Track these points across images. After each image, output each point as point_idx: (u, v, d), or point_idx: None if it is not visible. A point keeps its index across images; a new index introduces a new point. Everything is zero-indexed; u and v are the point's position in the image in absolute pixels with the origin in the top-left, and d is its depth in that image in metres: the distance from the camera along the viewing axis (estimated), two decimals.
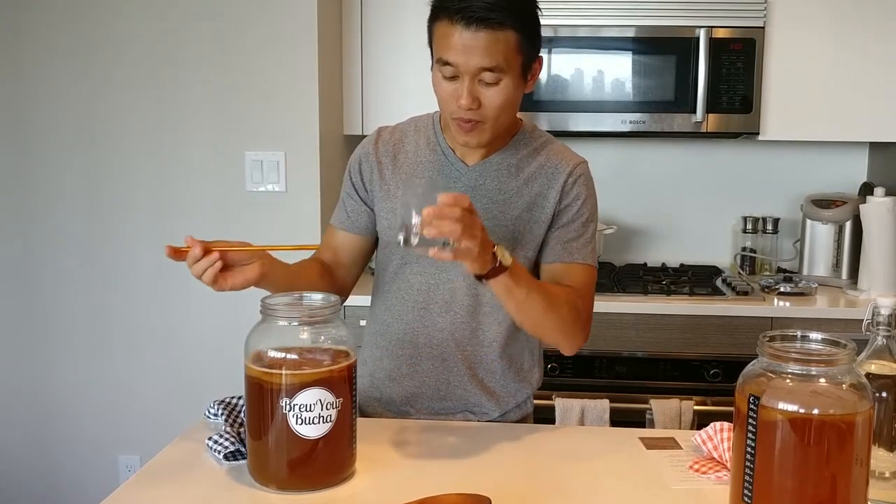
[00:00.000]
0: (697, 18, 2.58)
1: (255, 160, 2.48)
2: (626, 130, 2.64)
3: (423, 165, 1.51)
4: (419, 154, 1.53)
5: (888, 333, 1.16)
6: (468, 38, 1.32)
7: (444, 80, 1.37)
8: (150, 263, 2.55)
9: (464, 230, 1.17)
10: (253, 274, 1.32)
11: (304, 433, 1.17)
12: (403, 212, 1.19)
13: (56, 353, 2.62)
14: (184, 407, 2.50)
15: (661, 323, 2.45)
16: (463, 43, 1.32)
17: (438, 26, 1.36)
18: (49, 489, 2.68)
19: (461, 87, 1.35)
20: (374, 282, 1.62)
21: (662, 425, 2.31)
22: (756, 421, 1.01)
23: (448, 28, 1.33)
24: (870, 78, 2.61)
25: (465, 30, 1.31)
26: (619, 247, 3.01)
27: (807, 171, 2.98)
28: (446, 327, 1.51)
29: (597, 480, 1.27)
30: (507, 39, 1.33)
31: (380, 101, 2.69)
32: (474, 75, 1.34)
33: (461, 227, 1.17)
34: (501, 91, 1.36)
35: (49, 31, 2.48)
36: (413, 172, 1.51)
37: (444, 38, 1.34)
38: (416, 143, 1.54)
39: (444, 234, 1.16)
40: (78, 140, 2.52)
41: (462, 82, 1.35)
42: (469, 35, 1.31)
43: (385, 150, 1.54)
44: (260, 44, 2.44)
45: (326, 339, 1.23)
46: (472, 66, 1.33)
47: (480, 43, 1.32)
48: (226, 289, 1.32)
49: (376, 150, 1.55)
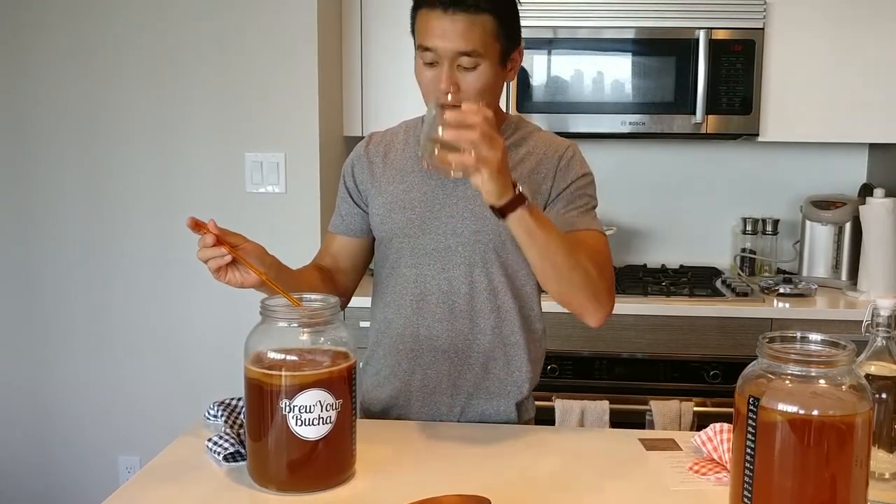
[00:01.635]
0: (697, 20, 2.58)
1: (254, 161, 2.48)
2: (626, 131, 2.64)
3: (412, 160, 1.54)
4: (408, 150, 1.55)
5: (888, 334, 1.16)
6: (446, 22, 1.35)
7: (425, 67, 1.40)
8: (151, 264, 2.55)
9: (484, 136, 1.16)
10: (253, 280, 1.34)
11: (303, 434, 1.17)
12: (427, 128, 1.22)
13: (56, 354, 2.62)
14: (183, 408, 2.50)
15: (660, 324, 2.45)
16: (441, 27, 1.36)
17: (419, 15, 1.40)
18: (49, 490, 2.68)
19: (440, 71, 1.38)
20: (374, 282, 1.63)
21: (662, 426, 2.31)
22: (756, 422, 1.01)
23: (427, 14, 1.38)
24: (869, 79, 2.61)
25: (444, 15, 1.35)
26: (619, 248, 3.01)
27: (806, 173, 2.98)
28: (445, 318, 1.52)
29: (597, 482, 1.27)
30: (484, 24, 1.37)
31: (379, 102, 2.69)
32: (452, 59, 1.37)
33: (481, 132, 1.16)
34: (480, 76, 1.39)
35: (49, 33, 2.48)
36: (403, 168, 1.54)
37: (424, 25, 1.38)
38: (405, 141, 1.57)
39: (465, 139, 1.16)
40: (78, 140, 2.53)
41: (441, 67, 1.38)
42: (447, 19, 1.35)
43: (376, 151, 1.58)
44: (260, 45, 2.44)
45: (326, 341, 1.23)
46: (449, 50, 1.36)
47: (458, 27, 1.35)
48: (222, 281, 1.35)
49: (367, 152, 1.59)
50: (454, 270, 1.51)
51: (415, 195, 1.52)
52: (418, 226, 1.51)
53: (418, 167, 1.52)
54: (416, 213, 1.51)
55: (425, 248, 1.52)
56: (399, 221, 1.52)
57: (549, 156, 1.51)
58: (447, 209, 1.50)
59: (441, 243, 1.51)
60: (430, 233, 1.51)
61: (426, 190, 1.51)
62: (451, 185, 1.50)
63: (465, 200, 1.50)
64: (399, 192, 1.53)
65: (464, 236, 1.50)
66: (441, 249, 1.51)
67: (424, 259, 1.52)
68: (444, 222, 1.50)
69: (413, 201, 1.52)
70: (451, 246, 1.51)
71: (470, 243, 1.50)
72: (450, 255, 1.51)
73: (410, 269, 1.53)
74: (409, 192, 1.52)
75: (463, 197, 1.50)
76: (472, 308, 1.52)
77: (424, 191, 1.52)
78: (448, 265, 1.51)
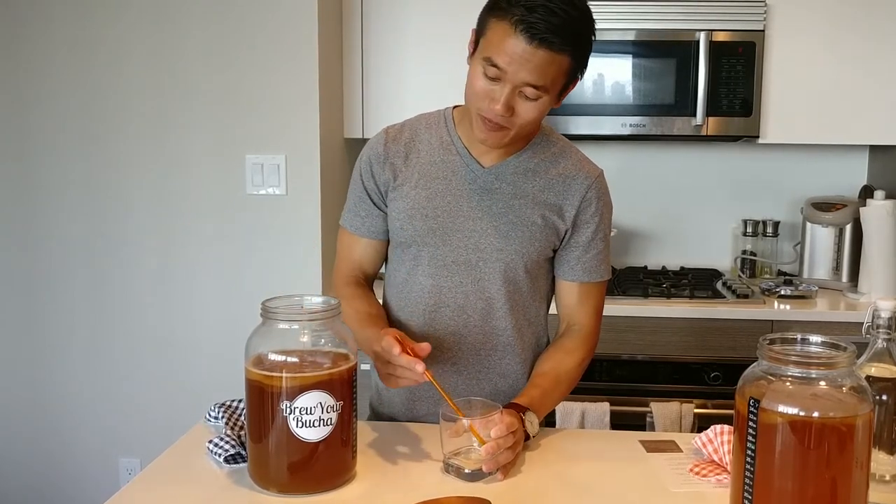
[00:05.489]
0: (697, 22, 2.58)
1: (255, 163, 2.48)
2: (627, 134, 2.65)
3: (436, 166, 1.50)
4: (432, 154, 1.51)
5: (888, 336, 1.16)
6: (527, 51, 1.29)
7: (484, 77, 1.34)
8: (151, 267, 2.55)
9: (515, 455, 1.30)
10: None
11: (304, 436, 1.17)
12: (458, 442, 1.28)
13: (57, 356, 2.62)
14: (184, 410, 2.49)
15: (661, 326, 2.45)
16: (518, 54, 1.29)
17: (497, 24, 1.32)
18: (49, 492, 2.68)
19: (500, 92, 1.33)
20: (385, 286, 1.61)
21: (663, 428, 2.31)
22: (756, 424, 1.01)
23: (507, 32, 1.30)
24: (870, 81, 2.61)
25: (526, 43, 1.29)
26: (620, 250, 3.01)
27: (807, 175, 2.98)
28: (458, 331, 1.51)
29: (597, 483, 1.27)
30: (561, 63, 1.33)
31: (380, 104, 2.69)
32: (517, 86, 1.33)
33: (514, 453, 1.29)
34: (537, 107, 1.36)
35: (50, 36, 2.49)
36: (427, 172, 1.50)
37: (500, 41, 1.31)
38: (428, 142, 1.52)
39: (501, 462, 1.26)
40: (79, 142, 2.53)
41: (503, 88, 1.33)
42: (528, 49, 1.29)
43: (396, 151, 1.52)
44: (261, 47, 2.44)
45: (327, 342, 1.23)
46: (519, 78, 1.32)
47: (536, 60, 1.30)
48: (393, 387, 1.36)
49: (387, 151, 1.52)
50: (472, 285, 1.50)
51: (438, 203, 1.48)
52: (440, 236, 1.48)
53: (442, 173, 1.49)
54: (439, 222, 1.48)
55: (444, 259, 1.49)
56: (420, 229, 1.49)
57: (578, 182, 1.50)
58: (470, 223, 1.48)
59: (461, 256, 1.49)
60: (450, 244, 1.48)
61: (450, 199, 1.48)
62: (476, 198, 1.48)
63: (489, 216, 1.48)
64: (422, 198, 1.49)
65: (486, 252, 1.48)
66: (461, 262, 1.49)
67: (443, 270, 1.50)
68: (467, 236, 1.48)
69: (436, 209, 1.48)
70: (472, 261, 1.49)
71: (491, 260, 1.48)
72: (469, 270, 1.49)
73: (427, 279, 1.51)
74: (433, 199, 1.48)
75: (488, 213, 1.48)
76: (485, 323, 1.51)
77: (448, 200, 1.48)
78: (466, 279, 1.49)
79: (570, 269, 1.53)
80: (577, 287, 1.54)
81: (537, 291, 1.55)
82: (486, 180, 1.48)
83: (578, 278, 1.53)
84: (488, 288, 1.49)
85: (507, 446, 1.26)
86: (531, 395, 1.43)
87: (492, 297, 1.50)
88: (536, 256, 1.50)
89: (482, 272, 1.49)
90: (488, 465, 1.24)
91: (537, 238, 1.48)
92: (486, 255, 1.48)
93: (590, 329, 1.56)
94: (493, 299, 1.50)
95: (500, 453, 1.25)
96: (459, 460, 1.27)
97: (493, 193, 1.48)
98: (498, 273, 1.49)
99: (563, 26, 1.29)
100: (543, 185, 1.49)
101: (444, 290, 1.50)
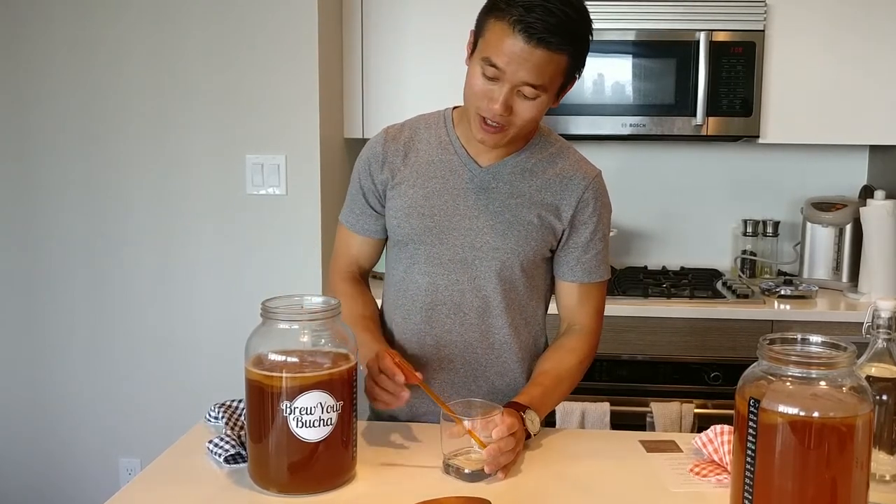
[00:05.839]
0: (697, 22, 2.58)
1: (255, 163, 2.48)
2: (627, 133, 2.65)
3: (434, 165, 1.51)
4: (431, 153, 1.52)
5: (888, 336, 1.16)
6: (525, 51, 1.30)
7: (483, 77, 1.35)
8: (151, 266, 2.55)
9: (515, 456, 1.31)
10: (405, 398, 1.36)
11: (304, 436, 1.17)
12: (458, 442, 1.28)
13: (56, 356, 2.62)
14: (184, 410, 2.49)
15: (661, 326, 2.45)
16: (517, 54, 1.30)
17: (495, 24, 1.33)
18: (49, 492, 2.68)
19: (499, 92, 1.34)
20: (384, 285, 1.62)
21: (663, 428, 2.31)
22: (756, 424, 1.01)
23: (505, 32, 1.31)
24: (870, 81, 2.61)
25: (524, 42, 1.30)
26: (620, 250, 3.01)
27: (807, 174, 2.98)
28: (455, 329, 1.51)
29: (597, 483, 1.27)
30: (559, 62, 1.33)
31: (380, 104, 2.69)
32: (516, 86, 1.34)
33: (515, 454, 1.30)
34: (536, 106, 1.37)
35: (50, 36, 2.49)
36: (425, 171, 1.50)
37: (498, 41, 1.32)
38: (427, 141, 1.53)
39: (502, 463, 1.27)
40: (79, 142, 2.53)
41: (501, 88, 1.34)
42: (526, 49, 1.30)
43: (395, 150, 1.53)
44: (261, 47, 2.44)
45: (327, 342, 1.23)
46: (517, 78, 1.32)
47: (535, 59, 1.31)
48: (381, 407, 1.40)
49: (385, 152, 1.53)
50: (468, 283, 1.50)
51: (435, 202, 1.49)
52: (436, 234, 1.49)
53: (440, 172, 1.50)
54: (436, 220, 1.49)
55: (441, 257, 1.50)
56: (417, 227, 1.50)
57: (576, 183, 1.50)
58: (467, 221, 1.48)
59: (458, 255, 1.49)
60: (447, 243, 1.49)
61: (447, 198, 1.49)
62: (473, 197, 1.49)
63: (486, 215, 1.48)
64: (419, 196, 1.50)
65: (482, 251, 1.48)
66: (457, 261, 1.49)
67: (439, 269, 1.50)
68: (464, 234, 1.49)
69: (433, 208, 1.49)
70: (468, 259, 1.49)
71: (487, 259, 1.49)
72: (465, 268, 1.49)
73: (423, 277, 1.51)
74: (430, 197, 1.49)
75: (485, 211, 1.48)
76: (482, 321, 1.51)
77: (445, 199, 1.49)
78: (462, 277, 1.50)
79: (569, 269, 1.54)
80: (577, 288, 1.55)
81: (534, 291, 1.55)
82: (484, 179, 1.49)
83: (578, 279, 1.54)
84: (484, 286, 1.50)
85: (507, 449, 1.26)
86: (532, 393, 1.43)
87: (488, 296, 1.50)
88: (533, 256, 1.50)
89: (478, 270, 1.49)
90: (490, 466, 1.25)
91: (533, 237, 1.49)
92: (483, 253, 1.48)
93: (591, 329, 1.56)
94: (490, 297, 1.50)
95: (500, 455, 1.25)
96: (459, 461, 1.27)
97: (490, 193, 1.49)
98: (494, 271, 1.49)
99: (560, 26, 1.30)
100: (541, 184, 1.49)
101: (441, 288, 1.51)
